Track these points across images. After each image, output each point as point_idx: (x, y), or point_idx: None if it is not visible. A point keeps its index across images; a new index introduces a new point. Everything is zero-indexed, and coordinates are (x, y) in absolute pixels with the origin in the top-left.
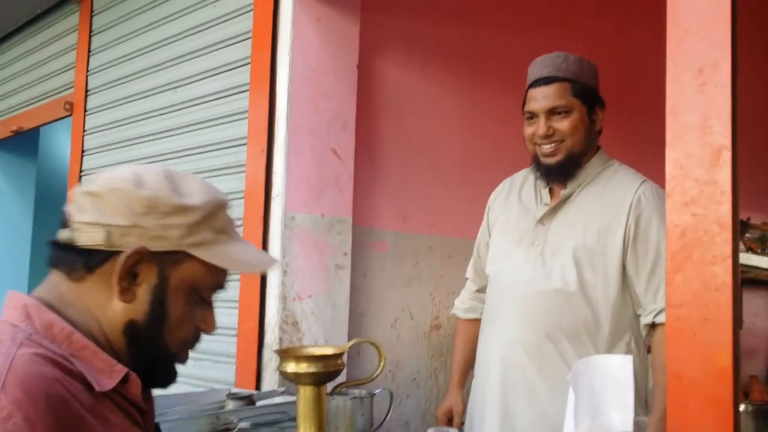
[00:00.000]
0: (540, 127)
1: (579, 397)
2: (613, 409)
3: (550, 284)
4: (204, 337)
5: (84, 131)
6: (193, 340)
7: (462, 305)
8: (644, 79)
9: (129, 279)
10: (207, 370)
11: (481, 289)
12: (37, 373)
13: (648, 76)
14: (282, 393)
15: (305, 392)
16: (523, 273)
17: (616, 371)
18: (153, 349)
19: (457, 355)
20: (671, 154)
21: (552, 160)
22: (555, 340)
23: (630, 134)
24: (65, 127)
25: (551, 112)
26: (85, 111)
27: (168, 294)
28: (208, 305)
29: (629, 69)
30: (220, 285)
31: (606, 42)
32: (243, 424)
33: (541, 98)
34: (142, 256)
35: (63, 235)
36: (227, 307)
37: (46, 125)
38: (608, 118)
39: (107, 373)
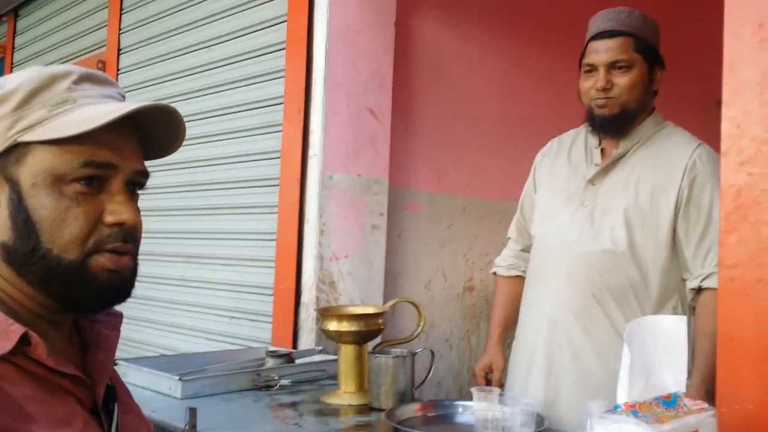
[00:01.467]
0: (599, 79)
1: (634, 357)
2: (666, 370)
3: (598, 245)
4: (239, 296)
5: None
6: (104, 238)
7: (504, 263)
8: (691, 39)
9: None
10: (243, 328)
11: (525, 249)
12: None
13: (695, 36)
14: (320, 351)
15: (347, 350)
16: (570, 233)
17: (670, 332)
18: (40, 265)
19: (498, 312)
20: (728, 113)
21: (606, 111)
22: (602, 300)
23: (677, 96)
24: None
25: (612, 66)
26: (118, 70)
27: (25, 197)
28: (108, 193)
29: (679, 29)
30: (92, 162)
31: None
32: (284, 381)
33: (603, 51)
34: None
35: None
36: (264, 266)
37: None
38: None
39: (3, 335)
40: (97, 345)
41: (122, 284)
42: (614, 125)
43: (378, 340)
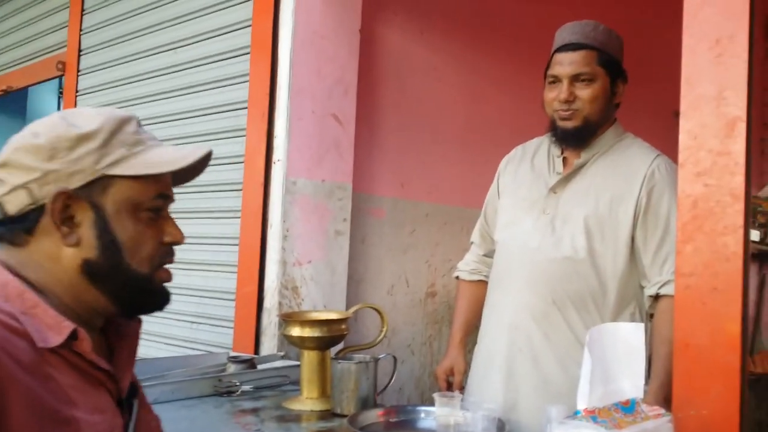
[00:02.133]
0: (562, 91)
1: (594, 363)
2: (625, 376)
3: (559, 252)
4: (200, 301)
5: (77, 91)
6: (163, 255)
7: (466, 267)
8: (650, 49)
9: (68, 223)
10: (205, 334)
11: (487, 254)
12: None
13: (654, 47)
14: (282, 357)
15: (309, 356)
16: (532, 240)
17: (628, 338)
18: (121, 278)
19: (460, 316)
20: (685, 125)
21: (569, 125)
22: (562, 307)
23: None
24: (53, 87)
25: (575, 78)
26: (78, 71)
27: (110, 222)
28: (164, 218)
29: (639, 40)
30: (162, 194)
31: (615, 12)
32: (245, 387)
33: (566, 63)
34: (66, 197)
35: None
36: (225, 271)
37: (36, 85)
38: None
39: (55, 330)
40: (122, 346)
41: (169, 293)
42: (576, 137)
43: (341, 345)
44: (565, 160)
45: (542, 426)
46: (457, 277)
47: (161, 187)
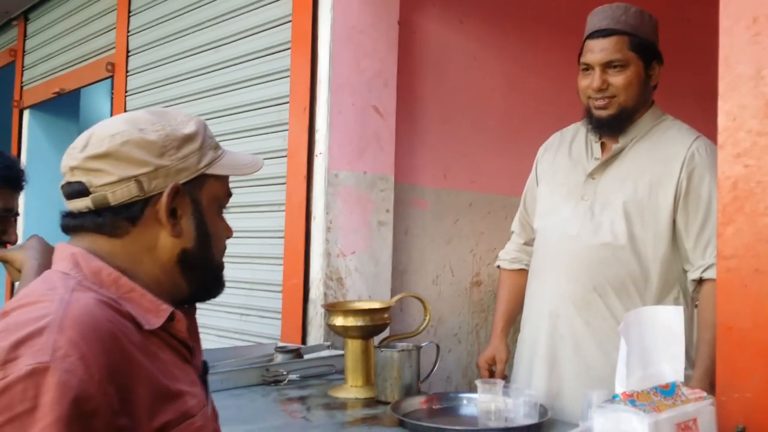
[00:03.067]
0: (594, 80)
1: (630, 348)
2: (664, 360)
3: (598, 238)
4: (249, 293)
5: (126, 92)
6: (225, 247)
7: (507, 256)
8: (691, 31)
9: (171, 216)
10: (253, 325)
11: (528, 242)
12: (90, 315)
13: (694, 28)
14: (328, 347)
15: (353, 345)
16: (571, 227)
17: (667, 322)
18: (207, 267)
19: (501, 305)
20: (724, 106)
21: (603, 113)
22: (603, 293)
23: (671, 88)
24: (105, 89)
25: (607, 65)
26: (127, 72)
27: (205, 216)
28: (222, 215)
29: (676, 21)
30: (230, 193)
31: None
32: (292, 376)
33: (597, 50)
34: (177, 192)
35: (83, 203)
36: (272, 264)
37: (88, 86)
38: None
39: (154, 313)
40: (190, 328)
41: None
42: (612, 125)
43: (386, 334)
44: (603, 145)
45: (583, 411)
46: (499, 267)
47: (229, 187)
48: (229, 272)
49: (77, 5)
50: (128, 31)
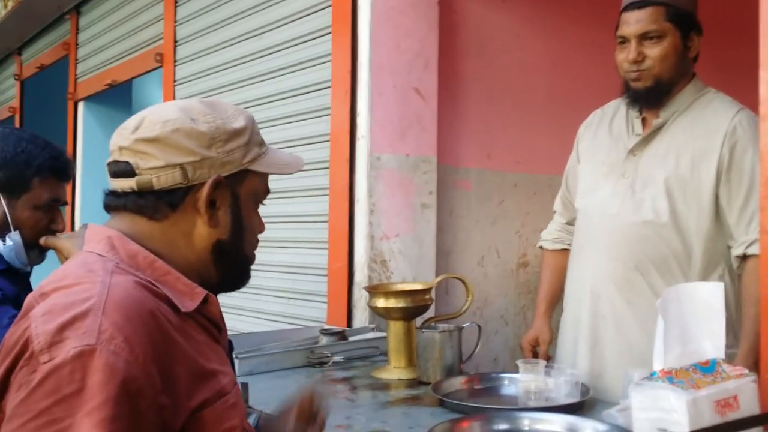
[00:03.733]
0: (630, 52)
1: (668, 324)
2: (705, 337)
3: (640, 216)
4: (295, 277)
5: (174, 82)
6: (257, 243)
7: (549, 236)
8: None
9: (210, 206)
10: (300, 309)
11: (570, 222)
12: (132, 297)
13: None
14: (373, 329)
15: (395, 327)
16: (611, 206)
17: (708, 298)
18: (237, 258)
19: (544, 286)
20: (765, 76)
21: (639, 85)
22: (644, 272)
23: (723, 61)
24: (156, 79)
25: (643, 37)
26: (175, 61)
27: (242, 210)
28: (258, 211)
29: None
30: (268, 190)
31: None
32: (336, 358)
33: (633, 22)
34: (218, 184)
35: (128, 183)
36: (317, 248)
37: (138, 77)
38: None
39: (189, 296)
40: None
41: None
42: (649, 98)
43: (431, 315)
44: (644, 120)
45: (625, 389)
46: (541, 247)
47: (268, 184)
48: (275, 257)
49: None
50: (175, 22)
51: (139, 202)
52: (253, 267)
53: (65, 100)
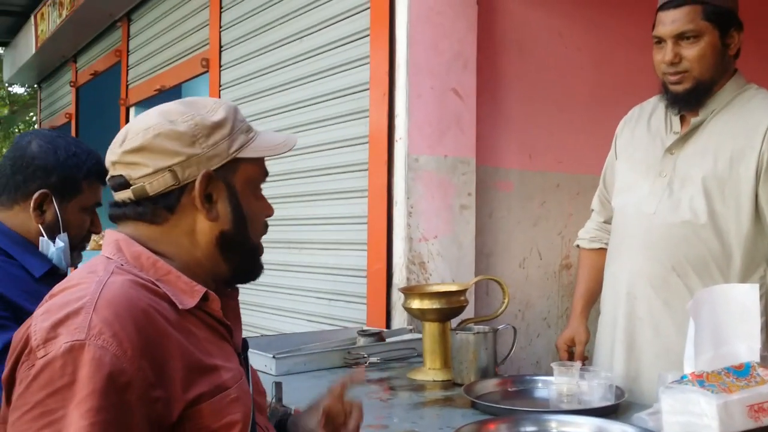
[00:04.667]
0: (667, 53)
1: (700, 326)
2: (739, 339)
3: (677, 216)
4: (335, 279)
5: (220, 86)
6: (264, 229)
7: (586, 235)
8: None
9: (207, 201)
10: (340, 310)
11: (608, 221)
12: (124, 295)
13: None
14: (410, 330)
15: (430, 328)
16: (648, 205)
17: (742, 300)
18: (244, 247)
19: (581, 285)
20: None
21: (679, 88)
22: (682, 273)
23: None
24: (204, 83)
25: (679, 37)
26: (220, 66)
27: (240, 198)
28: (261, 194)
29: None
30: (266, 172)
31: None
32: (373, 359)
33: (668, 22)
34: (210, 178)
35: (126, 194)
36: (357, 249)
37: (186, 82)
38: (747, 40)
39: (189, 293)
40: (228, 308)
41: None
42: (688, 100)
43: (470, 316)
44: (682, 118)
45: (659, 393)
46: (578, 246)
47: (264, 167)
48: (316, 258)
49: (173, 4)
50: (220, 27)
51: (138, 209)
52: (294, 269)
53: (118, 105)
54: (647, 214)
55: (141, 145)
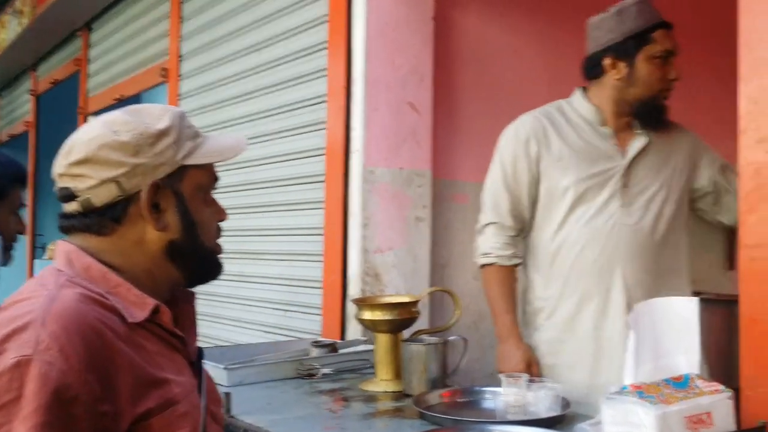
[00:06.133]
0: (674, 69)
1: (641, 338)
2: (678, 351)
3: (648, 224)
4: (291, 290)
5: (179, 96)
6: (218, 231)
7: (504, 252)
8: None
9: (154, 210)
10: (295, 321)
11: (519, 234)
12: (73, 309)
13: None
14: (364, 342)
15: (382, 339)
16: (624, 216)
17: (682, 312)
18: (197, 255)
19: (508, 304)
20: (745, 89)
21: (665, 103)
22: (668, 277)
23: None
24: (163, 93)
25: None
26: (179, 76)
27: (188, 205)
28: (213, 199)
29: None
30: (216, 177)
31: None
32: (325, 370)
33: (670, 40)
34: (156, 187)
35: (73, 206)
36: (312, 261)
37: (146, 92)
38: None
39: (139, 306)
40: (184, 314)
41: (222, 264)
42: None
43: (424, 327)
44: (627, 132)
45: None
46: (494, 264)
47: (214, 172)
48: (272, 269)
49: (134, 14)
50: (180, 37)
51: (85, 221)
52: (250, 279)
53: (77, 114)
54: (624, 224)
55: (85, 156)
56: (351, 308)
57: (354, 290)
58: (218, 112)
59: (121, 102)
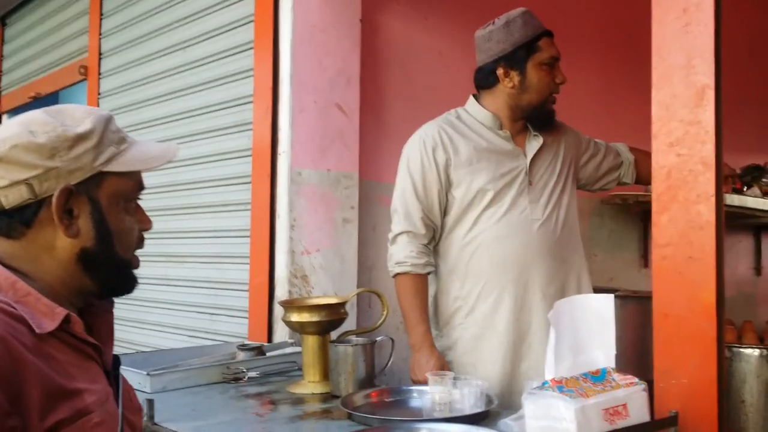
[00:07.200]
0: (561, 74)
1: (560, 335)
2: (596, 347)
3: (555, 220)
4: (217, 293)
5: (99, 94)
6: (139, 242)
7: (418, 260)
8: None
9: (67, 216)
10: (222, 324)
11: (430, 242)
12: None
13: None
14: (292, 344)
15: (310, 341)
16: (534, 213)
17: (599, 309)
18: (110, 264)
19: (422, 312)
20: (657, 96)
21: (553, 107)
22: (579, 269)
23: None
24: (82, 91)
25: None
26: (99, 74)
27: (105, 213)
28: (137, 206)
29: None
30: (141, 185)
31: None
32: (252, 374)
33: (555, 47)
34: (69, 193)
35: None
36: (239, 263)
37: (64, 90)
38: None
39: (49, 316)
40: (100, 323)
41: (137, 279)
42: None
43: (351, 328)
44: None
45: None
46: (408, 273)
47: (139, 180)
48: (197, 272)
49: (52, 9)
50: (100, 34)
51: None
52: (174, 283)
53: None
54: (534, 220)
55: None
56: (278, 310)
57: (281, 292)
58: (141, 111)
59: (37, 100)
